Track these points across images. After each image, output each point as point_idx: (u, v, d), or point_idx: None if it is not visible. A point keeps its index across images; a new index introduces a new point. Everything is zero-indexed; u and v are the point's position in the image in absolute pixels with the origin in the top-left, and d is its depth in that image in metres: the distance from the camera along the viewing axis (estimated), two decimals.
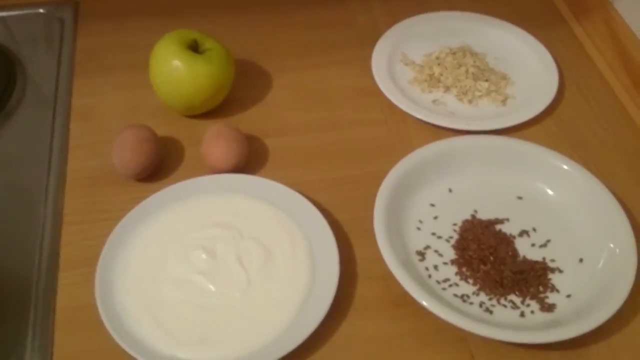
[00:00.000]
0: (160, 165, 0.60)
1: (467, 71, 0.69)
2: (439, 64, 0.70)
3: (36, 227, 0.56)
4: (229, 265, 0.52)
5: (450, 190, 0.59)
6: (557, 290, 0.52)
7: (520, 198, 0.58)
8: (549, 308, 0.51)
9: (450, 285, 0.53)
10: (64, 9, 0.78)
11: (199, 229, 0.54)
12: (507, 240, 0.55)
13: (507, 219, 0.57)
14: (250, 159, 0.61)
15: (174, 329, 0.48)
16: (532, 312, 0.51)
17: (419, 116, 0.65)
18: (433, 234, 0.56)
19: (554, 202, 0.58)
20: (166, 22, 0.71)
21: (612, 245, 0.53)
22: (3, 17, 0.78)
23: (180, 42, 0.61)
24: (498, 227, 0.56)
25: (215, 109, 0.65)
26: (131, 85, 0.68)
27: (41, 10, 0.78)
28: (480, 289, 0.52)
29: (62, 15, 0.77)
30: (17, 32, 0.78)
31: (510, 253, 0.54)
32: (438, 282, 0.53)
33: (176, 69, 0.60)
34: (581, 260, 0.54)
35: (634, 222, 0.55)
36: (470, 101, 0.67)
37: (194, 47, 0.62)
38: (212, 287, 0.50)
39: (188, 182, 0.57)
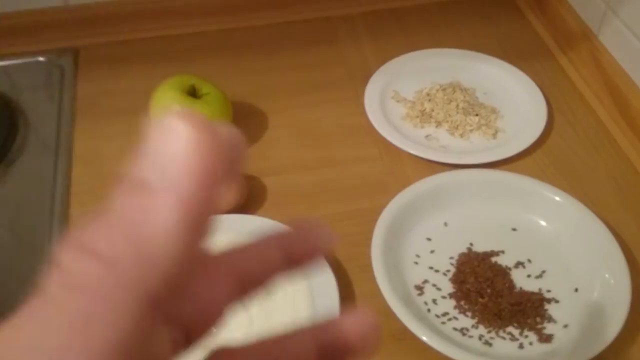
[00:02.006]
0: None
1: (457, 106, 0.71)
2: (429, 100, 0.72)
3: (40, 273, 0.57)
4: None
5: (445, 224, 0.60)
6: (554, 321, 0.53)
7: (514, 230, 0.60)
8: (546, 339, 0.52)
9: (450, 319, 0.53)
10: (64, 57, 0.80)
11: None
12: (503, 272, 0.56)
13: (503, 251, 0.58)
14: (249, 199, 0.62)
15: None
16: (531, 343, 0.52)
17: (412, 151, 0.66)
18: (430, 267, 0.57)
19: (547, 233, 0.59)
20: (163, 67, 0.73)
21: (607, 276, 0.54)
22: (4, 67, 0.80)
23: (179, 88, 0.63)
24: (494, 259, 0.57)
25: None
26: (131, 129, 0.70)
27: (41, 59, 0.80)
28: (479, 322, 0.53)
29: (62, 63, 0.79)
30: (18, 81, 0.80)
31: (507, 285, 0.55)
32: (437, 316, 0.54)
33: None
34: (576, 289, 0.55)
35: (626, 249, 0.57)
36: (461, 135, 0.69)
37: (192, 92, 0.64)
38: (213, 329, 0.51)
39: None
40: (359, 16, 0.86)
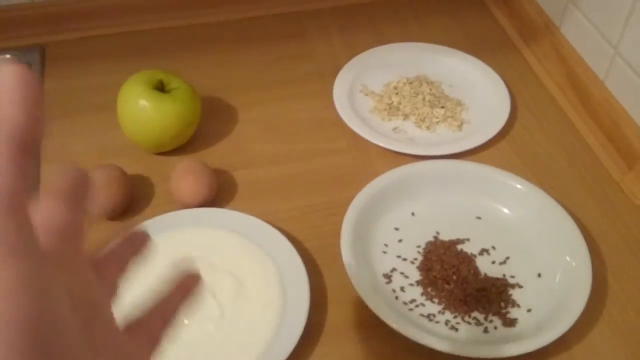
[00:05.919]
0: (131, 203, 0.62)
1: (424, 99, 0.72)
2: (397, 93, 0.73)
3: None
4: (201, 298, 0.53)
5: (412, 214, 0.61)
6: (518, 305, 0.55)
7: (479, 218, 0.61)
8: (510, 323, 0.53)
9: (417, 306, 0.55)
10: (31, 54, 0.79)
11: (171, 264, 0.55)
12: (468, 259, 0.58)
13: (468, 239, 0.59)
14: (220, 192, 0.63)
15: None
16: (495, 327, 0.53)
17: (380, 144, 0.67)
18: (398, 256, 0.58)
19: (510, 220, 0.61)
20: (132, 63, 0.73)
21: (568, 259, 0.56)
22: None
23: (147, 83, 0.63)
24: (459, 247, 0.59)
25: (184, 146, 0.67)
26: (99, 126, 0.70)
27: (8, 56, 0.80)
28: (445, 308, 0.54)
29: (29, 59, 0.79)
30: None
31: (472, 271, 0.57)
32: (405, 303, 0.55)
33: (143, 109, 0.62)
34: (539, 275, 0.57)
35: (587, 234, 0.58)
36: (428, 127, 0.70)
37: (160, 87, 0.64)
38: (185, 321, 0.51)
39: (158, 218, 0.59)
40: (328, 11, 0.87)
